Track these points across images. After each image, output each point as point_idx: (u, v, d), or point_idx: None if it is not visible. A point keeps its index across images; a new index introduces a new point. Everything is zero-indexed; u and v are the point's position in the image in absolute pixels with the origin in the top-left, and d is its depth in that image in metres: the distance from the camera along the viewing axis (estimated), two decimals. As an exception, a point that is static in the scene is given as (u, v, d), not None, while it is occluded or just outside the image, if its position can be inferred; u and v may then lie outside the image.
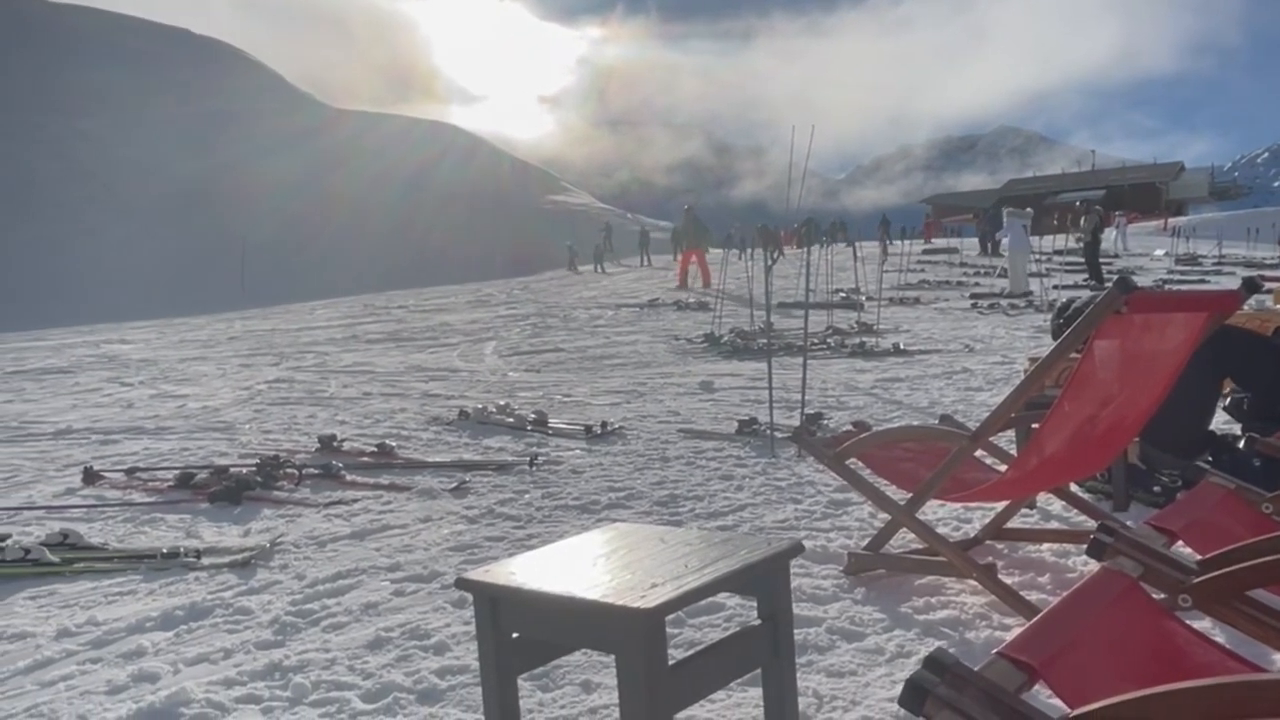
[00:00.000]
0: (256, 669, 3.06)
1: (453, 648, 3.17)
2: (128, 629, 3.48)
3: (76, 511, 5.29)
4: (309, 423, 7.73)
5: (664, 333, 14.05)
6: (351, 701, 2.81)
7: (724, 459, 5.88)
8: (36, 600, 3.87)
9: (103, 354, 13.86)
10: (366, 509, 5.04)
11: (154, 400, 9.32)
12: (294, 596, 3.73)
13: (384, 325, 16.50)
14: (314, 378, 10.43)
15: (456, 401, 8.38)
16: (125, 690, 2.98)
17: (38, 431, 7.82)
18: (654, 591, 1.86)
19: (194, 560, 4.24)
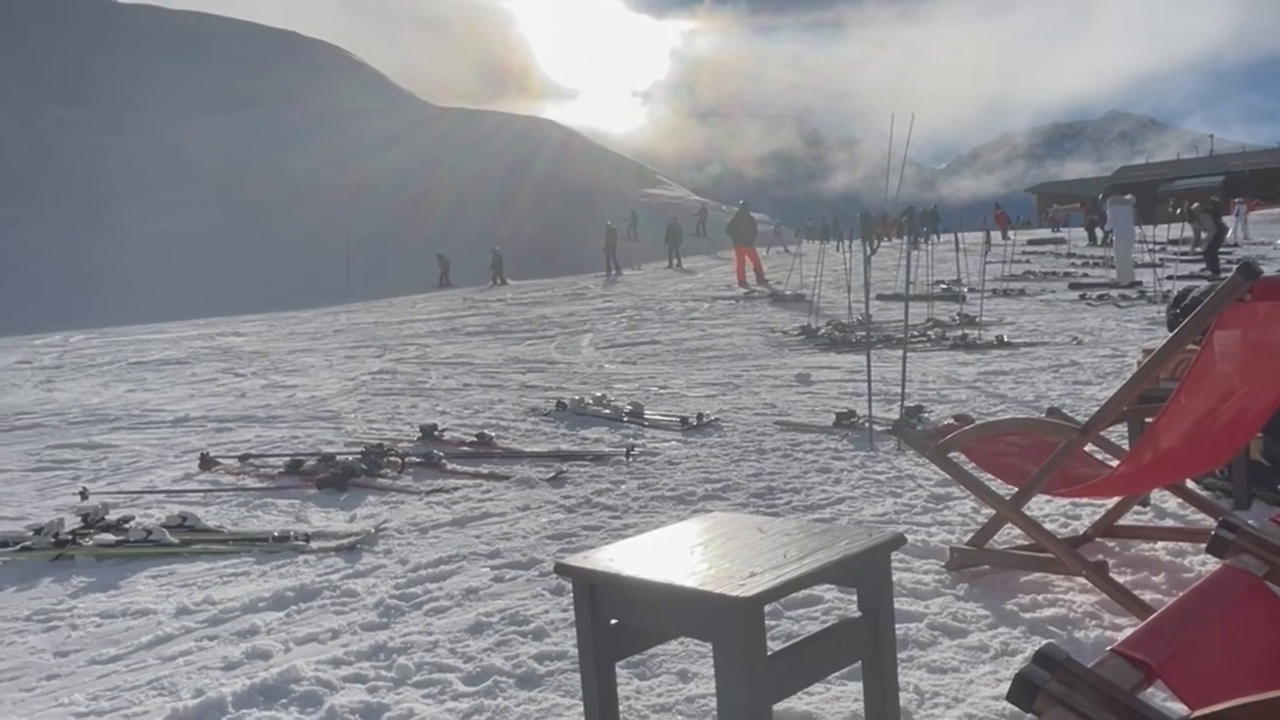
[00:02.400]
0: (362, 649, 3.14)
1: (551, 634, 3.21)
2: (242, 608, 3.61)
3: (194, 496, 5.52)
4: (411, 412, 7.90)
5: (760, 325, 13.96)
6: (453, 684, 2.87)
7: (821, 452, 5.81)
8: (157, 579, 4.05)
9: (217, 346, 14.41)
10: (467, 497, 5.14)
11: (265, 390, 9.65)
12: (398, 580, 3.82)
13: (483, 318, 16.78)
14: (415, 369, 10.67)
15: (553, 393, 8.47)
16: (239, 667, 3.09)
17: (158, 419, 8.18)
18: (753, 580, 1.85)
19: (303, 544, 4.38)
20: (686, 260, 30.54)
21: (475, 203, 49.83)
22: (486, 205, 49.66)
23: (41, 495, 5.75)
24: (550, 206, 50.04)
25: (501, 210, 48.80)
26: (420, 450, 6.11)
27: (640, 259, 32.20)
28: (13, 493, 5.83)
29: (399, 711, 2.68)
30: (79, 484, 5.81)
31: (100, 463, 6.58)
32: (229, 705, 2.77)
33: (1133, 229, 19.19)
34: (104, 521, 4.74)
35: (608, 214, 45.66)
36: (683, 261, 30.02)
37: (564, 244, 42.97)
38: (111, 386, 10.50)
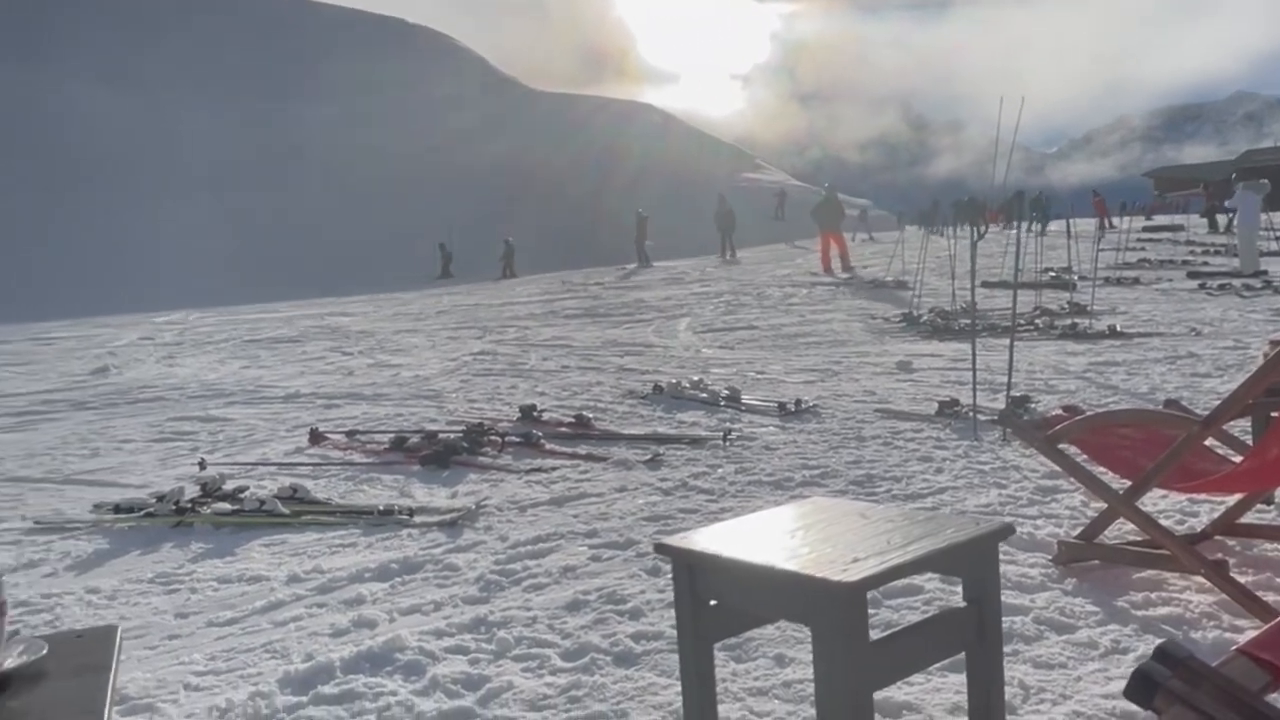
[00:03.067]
0: (464, 622, 3.22)
1: (648, 614, 3.23)
2: (349, 578, 3.73)
3: (303, 469, 5.72)
4: (511, 393, 8.02)
5: (860, 311, 13.75)
6: (551, 659, 2.91)
7: (923, 440, 5.70)
8: (270, 548, 4.21)
9: (326, 325, 14.86)
10: (565, 477, 5.20)
11: (371, 369, 9.92)
12: (497, 556, 3.89)
13: (581, 301, 16.91)
14: (515, 351, 10.82)
15: (650, 376, 8.49)
16: (347, 634, 3.20)
17: (270, 395, 8.48)
18: (856, 565, 1.83)
19: (407, 518, 4.50)
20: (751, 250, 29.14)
21: (573, 187, 50.19)
22: (584, 190, 49.97)
23: (163, 464, 6.02)
24: (647, 191, 50.09)
25: (600, 195, 49.03)
26: (520, 430, 6.19)
27: (707, 249, 31.89)
28: (137, 461, 6.13)
29: (499, 684, 2.74)
30: (197, 455, 6.07)
31: (217, 435, 6.86)
32: (337, 670, 2.87)
33: (1259, 215, 18.24)
34: (221, 491, 4.94)
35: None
36: (736, 251, 27.71)
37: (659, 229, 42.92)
38: (227, 363, 10.92)
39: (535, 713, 2.59)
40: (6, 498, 5.33)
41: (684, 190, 48.83)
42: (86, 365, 10.99)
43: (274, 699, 2.70)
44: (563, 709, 2.60)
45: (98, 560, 4.16)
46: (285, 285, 26.74)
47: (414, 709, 2.62)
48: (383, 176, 51.09)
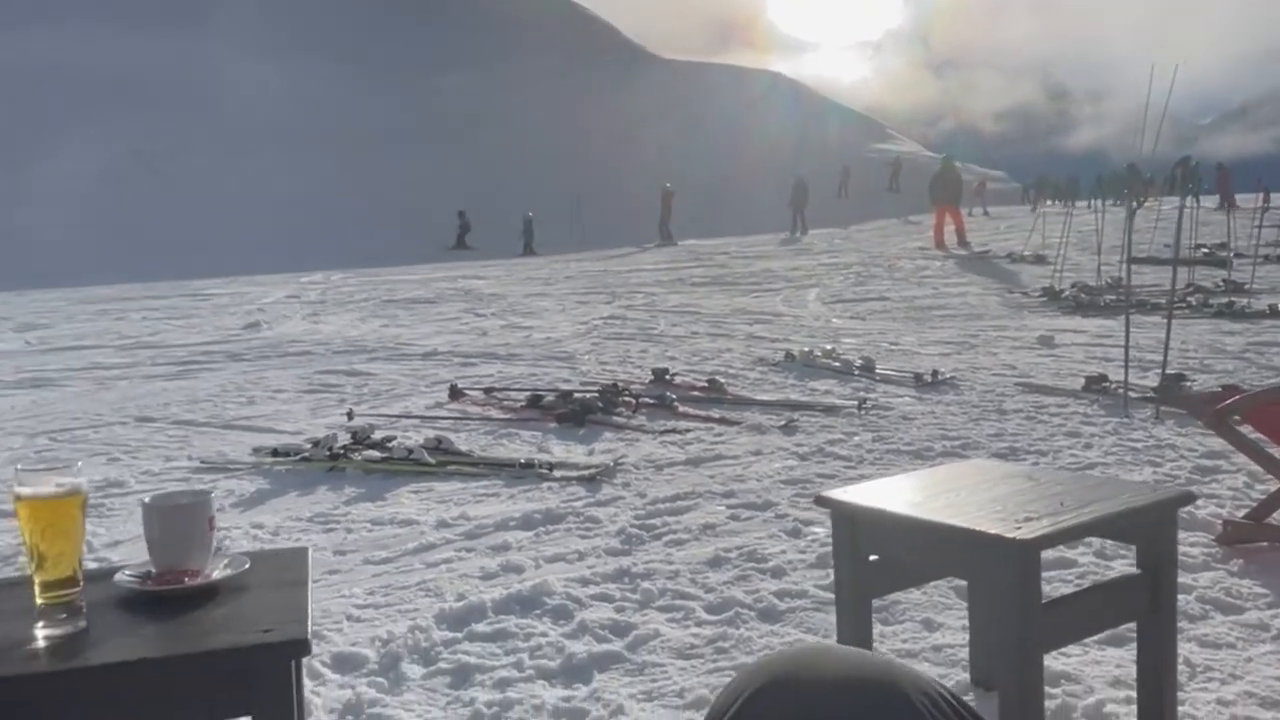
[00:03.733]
0: (607, 572, 3.28)
1: (789, 573, 3.23)
2: (494, 525, 3.84)
3: (445, 422, 5.89)
4: (641, 357, 8.08)
5: (997, 285, 13.33)
6: (696, 611, 2.94)
7: (1069, 416, 5.51)
8: (418, 494, 4.37)
9: (460, 288, 15.23)
10: (699, 439, 5.22)
11: (504, 330, 10.14)
12: (637, 512, 3.95)
13: (708, 270, 16.87)
14: (644, 316, 10.89)
15: (781, 344, 8.43)
16: (496, 577, 3.30)
17: (410, 352, 8.76)
18: (1029, 524, 1.78)
19: (546, 472, 4.60)
20: (862, 226, 28.01)
21: (702, 156, 49.97)
22: (713, 159, 49.70)
23: (314, 414, 6.30)
24: (776, 160, 49.49)
25: (728, 164, 48.71)
26: (653, 392, 6.24)
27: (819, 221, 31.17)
28: (289, 410, 6.42)
29: (646, 631, 2.78)
30: (345, 406, 6.33)
31: (362, 388, 7.13)
32: (489, 610, 2.97)
33: None
34: (370, 440, 5.13)
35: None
36: (809, 228, 26.63)
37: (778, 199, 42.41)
38: (368, 321, 11.32)
39: (683, 660, 2.62)
40: (175, 439, 5.66)
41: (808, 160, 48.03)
42: (239, 320, 11.56)
43: (431, 633, 2.81)
44: (710, 659, 2.63)
45: (260, 499, 4.38)
46: (414, 248, 27.48)
47: (564, 650, 2.68)
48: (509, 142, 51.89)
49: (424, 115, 54.33)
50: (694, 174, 46.95)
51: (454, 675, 2.59)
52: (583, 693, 2.46)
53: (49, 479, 1.36)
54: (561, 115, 55.69)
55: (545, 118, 55.21)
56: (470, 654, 2.69)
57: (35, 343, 10.39)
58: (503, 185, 44.81)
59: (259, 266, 21.77)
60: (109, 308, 13.90)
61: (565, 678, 2.55)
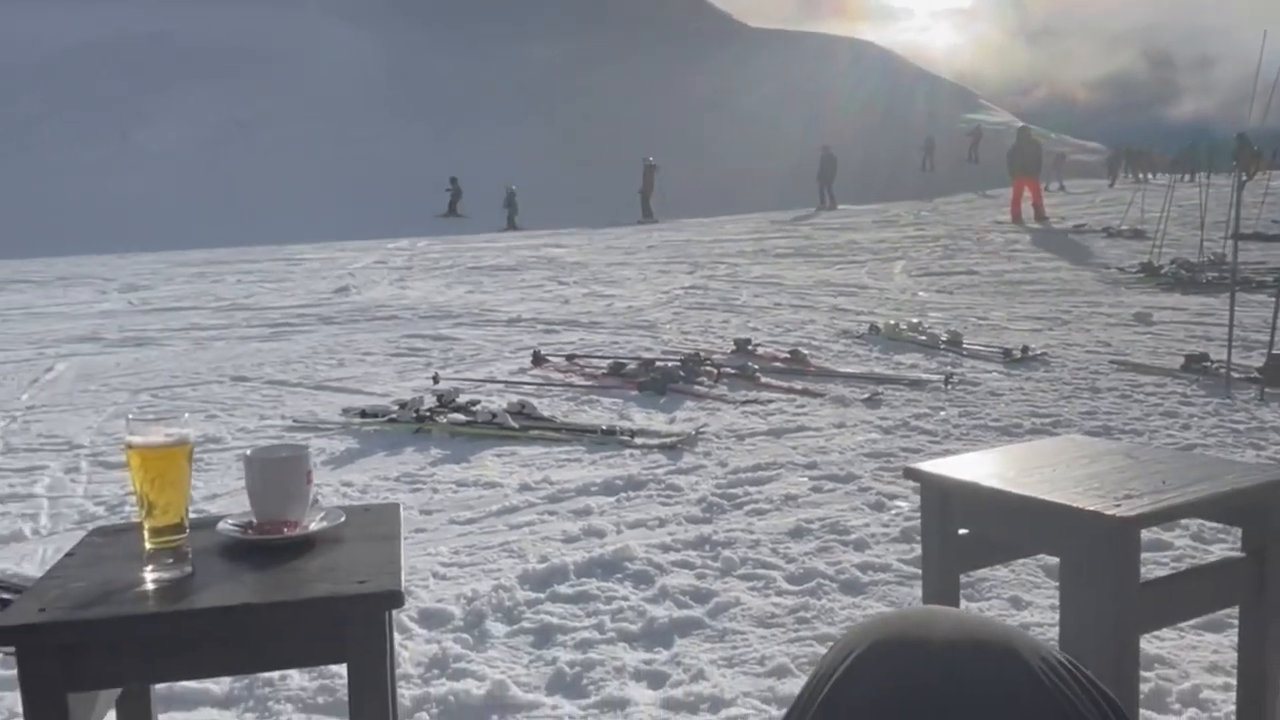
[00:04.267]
0: (688, 539, 3.29)
1: (872, 546, 3.20)
2: (576, 490, 3.88)
3: (528, 387, 5.95)
4: (723, 327, 8.04)
5: (1092, 260, 12.91)
6: (777, 580, 2.93)
7: (1166, 395, 5.33)
8: (501, 458, 4.43)
9: (542, 256, 15.33)
10: (781, 410, 5.19)
11: (586, 298, 10.18)
12: (718, 481, 3.95)
13: (791, 241, 16.68)
14: (726, 286, 10.82)
15: (865, 317, 8.31)
16: (578, 541, 3.33)
17: (494, 318, 8.86)
18: (1129, 502, 1.72)
19: (628, 439, 4.62)
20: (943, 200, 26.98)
21: (788, 125, 49.33)
22: (800, 128, 49.03)
23: (401, 377, 6.42)
24: (864, 130, 48.61)
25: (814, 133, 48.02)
26: (734, 362, 6.21)
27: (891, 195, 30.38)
28: (378, 373, 6.56)
29: (727, 598, 2.79)
30: (431, 370, 6.43)
31: (447, 353, 7.24)
32: (571, 572, 3.00)
33: None
34: (455, 403, 5.22)
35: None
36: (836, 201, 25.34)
37: (878, 168, 41.71)
38: (453, 287, 11.48)
39: (763, 629, 2.62)
40: (268, 398, 5.83)
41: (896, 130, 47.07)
42: (330, 285, 11.82)
43: (515, 593, 2.85)
44: (791, 629, 2.62)
45: (349, 458, 4.49)
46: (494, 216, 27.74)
47: (645, 614, 2.70)
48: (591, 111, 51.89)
49: (513, 84, 54.65)
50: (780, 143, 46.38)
51: (536, 634, 2.62)
52: (664, 656, 2.47)
53: (158, 429, 1.41)
54: (647, 86, 55.46)
55: (630, 88, 55.06)
56: (552, 614, 2.72)
57: (137, 303, 10.78)
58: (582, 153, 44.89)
59: (349, 233, 22.23)
60: (206, 270, 14.33)
61: (646, 641, 2.57)
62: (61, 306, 10.60)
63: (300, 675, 2.38)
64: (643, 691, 2.32)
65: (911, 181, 33.45)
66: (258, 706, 2.28)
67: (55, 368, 6.96)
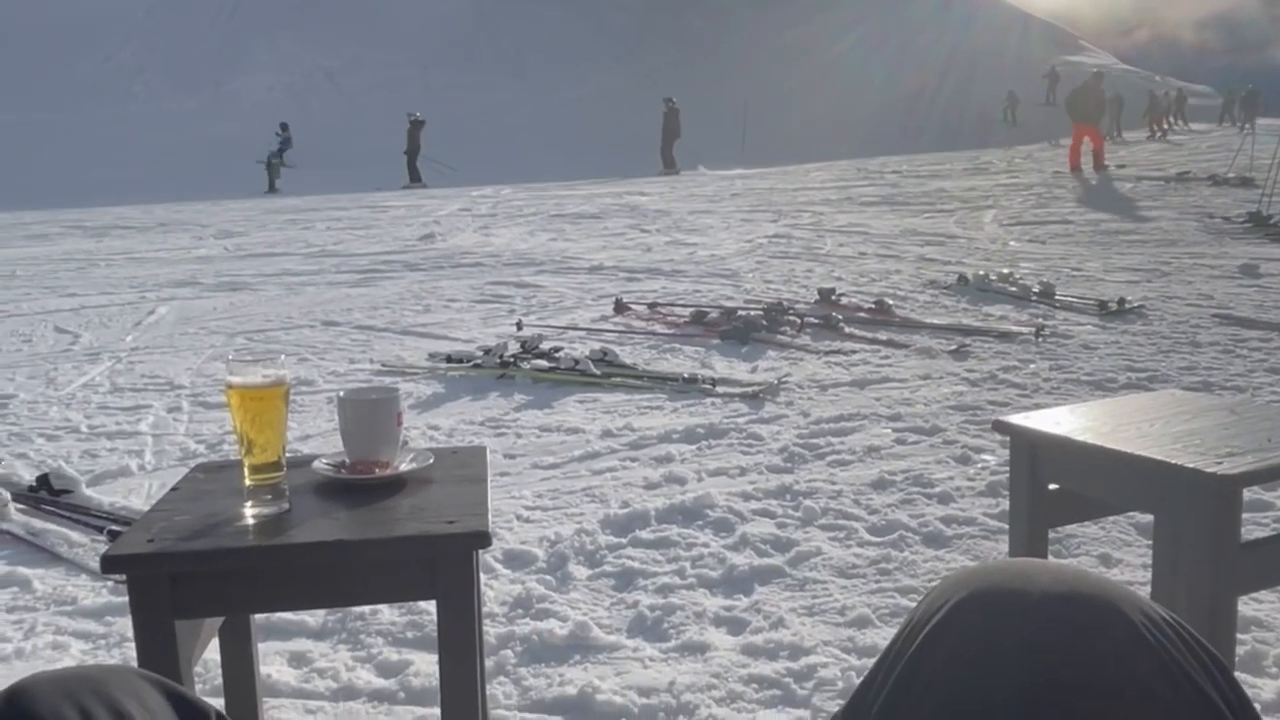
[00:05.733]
0: (769, 488, 3.28)
1: (956, 499, 3.16)
2: (658, 437, 3.90)
3: (610, 335, 5.98)
4: (807, 276, 7.96)
5: (1195, 209, 12.39)
6: (858, 531, 2.92)
7: (1271, 350, 5.12)
8: (584, 405, 4.47)
9: (625, 204, 15.31)
10: (865, 360, 5.13)
11: (668, 246, 10.15)
12: (800, 431, 3.93)
13: (877, 189, 16.36)
14: (810, 235, 10.68)
15: (954, 267, 8.13)
16: (659, 487, 3.36)
17: (576, 266, 8.90)
18: (1231, 460, 1.67)
19: (709, 388, 4.62)
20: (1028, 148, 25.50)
21: (875, 71, 48.08)
22: (885, 73, 47.76)
23: (485, 323, 6.51)
24: (952, 73, 47.14)
25: (901, 78, 46.73)
26: (817, 312, 6.15)
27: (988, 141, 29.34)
28: (462, 319, 6.66)
29: (808, 548, 2.78)
30: (515, 316, 6.51)
31: (530, 300, 7.31)
32: (652, 518, 3.03)
33: None
34: (538, 349, 5.28)
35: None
36: (679, 165, 23.19)
37: (967, 114, 40.48)
38: (536, 235, 11.55)
39: (844, 579, 2.61)
40: (358, 343, 5.97)
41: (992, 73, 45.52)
42: (415, 232, 11.99)
43: (596, 537, 2.89)
44: (872, 579, 2.61)
45: (435, 402, 4.58)
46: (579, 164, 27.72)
47: (725, 561, 2.72)
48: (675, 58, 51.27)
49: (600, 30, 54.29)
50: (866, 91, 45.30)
51: (618, 578, 2.66)
52: (744, 603, 2.49)
53: (257, 370, 1.45)
54: (734, 33, 54.55)
55: (716, 33, 54.22)
56: (634, 559, 2.76)
57: (232, 249, 11.10)
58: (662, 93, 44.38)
59: (433, 180, 22.46)
60: (297, 218, 14.67)
61: (726, 588, 2.59)
62: (161, 252, 10.98)
63: (390, 610, 2.46)
64: (722, 637, 2.34)
65: (999, 133, 32.41)
66: (350, 639, 2.36)
67: (156, 310, 7.23)
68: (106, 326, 6.74)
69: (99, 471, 3.66)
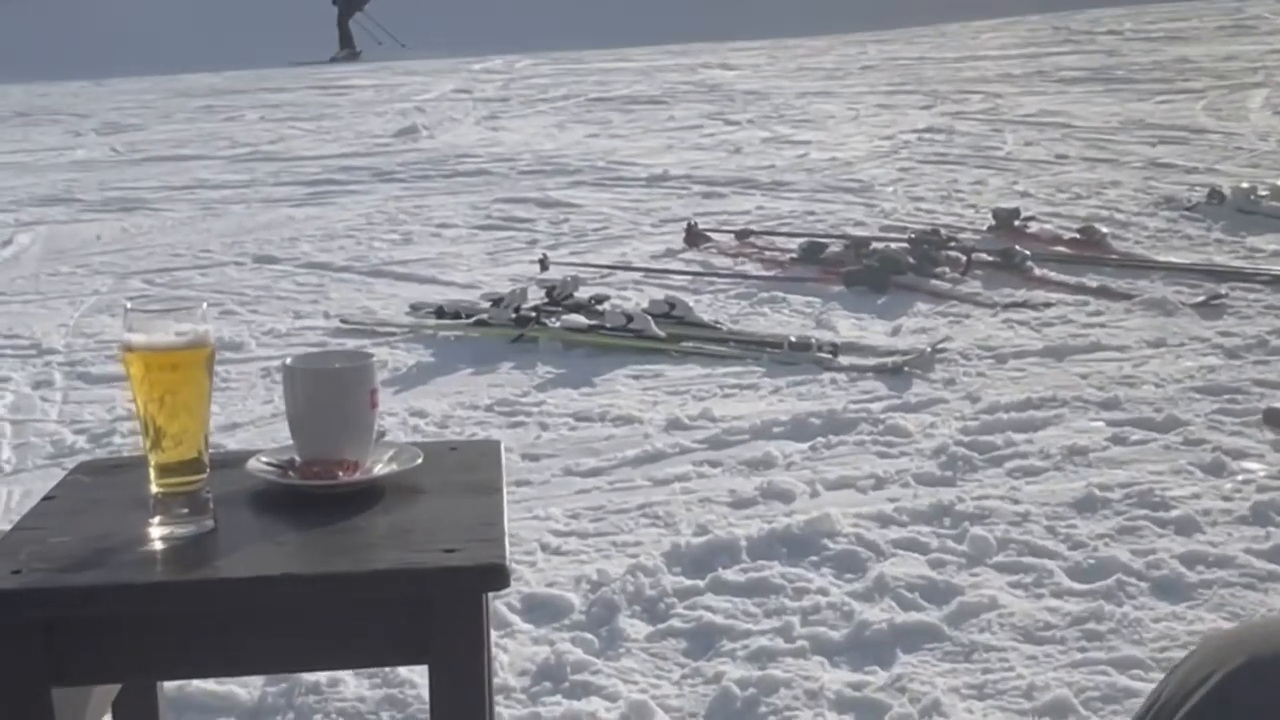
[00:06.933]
0: (919, 509, 3.29)
1: (1205, 528, 3.15)
2: (751, 431, 3.91)
3: (678, 278, 6.00)
4: (975, 191, 7.92)
5: None
6: (1054, 574, 2.92)
7: None
8: (640, 381, 4.50)
9: (700, 81, 15.27)
10: (1065, 318, 5.12)
11: (766, 146, 10.12)
12: (966, 423, 3.92)
13: (1085, 58, 16.14)
14: (981, 129, 10.59)
15: (1201, 177, 8.04)
16: (752, 506, 3.38)
17: (628, 175, 8.91)
18: None
19: (829, 358, 4.62)
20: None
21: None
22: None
23: (493, 260, 6.56)
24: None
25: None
26: (993, 245, 6.13)
27: None
28: (460, 253, 6.72)
29: (976, 598, 2.78)
30: (536, 250, 6.54)
31: (560, 225, 7.35)
32: (743, 552, 3.05)
33: None
34: (572, 299, 5.31)
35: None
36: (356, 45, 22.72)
37: None
38: (568, 128, 11.57)
39: (1032, 645, 2.61)
40: (306, 288, 6.06)
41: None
42: (389, 124, 12.09)
43: (660, 578, 2.92)
44: (1074, 646, 2.60)
45: (420, 376, 4.64)
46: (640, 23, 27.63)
47: (854, 617, 2.72)
48: None
49: None
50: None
51: (692, 639, 2.68)
52: (880, 679, 2.50)
53: (168, 324, 1.46)
54: None
55: None
56: (716, 611, 2.78)
57: (123, 150, 11.29)
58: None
59: (414, 47, 22.54)
60: (216, 104, 14.87)
61: (854, 656, 2.60)
62: (20, 154, 11.21)
63: (358, 680, 2.50)
64: (848, 728, 2.35)
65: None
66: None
67: (15, 240, 7.39)
68: (-57, 263, 6.91)
69: (-64, 474, 3.77)
